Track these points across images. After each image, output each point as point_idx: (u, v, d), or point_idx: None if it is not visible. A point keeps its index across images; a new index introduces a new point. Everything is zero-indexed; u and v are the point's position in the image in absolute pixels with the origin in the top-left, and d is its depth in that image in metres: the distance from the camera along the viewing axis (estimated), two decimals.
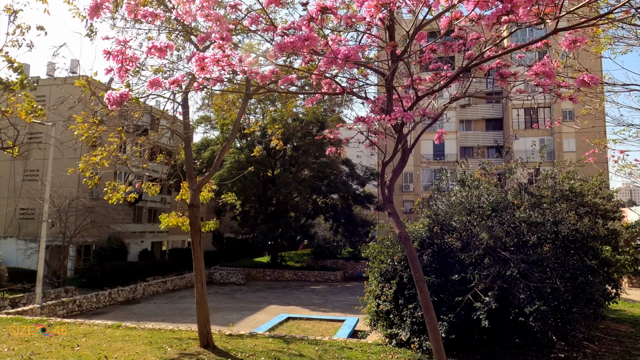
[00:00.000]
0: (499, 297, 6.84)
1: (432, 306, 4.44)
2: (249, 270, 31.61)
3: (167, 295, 23.69)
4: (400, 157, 5.04)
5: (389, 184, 5.02)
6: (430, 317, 4.36)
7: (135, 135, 9.33)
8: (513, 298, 6.92)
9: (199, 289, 7.64)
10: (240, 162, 27.56)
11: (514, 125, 41.12)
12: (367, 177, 33.89)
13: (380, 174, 5.12)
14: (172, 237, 41.55)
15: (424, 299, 4.41)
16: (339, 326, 15.09)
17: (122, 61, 3.66)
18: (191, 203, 8.04)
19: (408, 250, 4.73)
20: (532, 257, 6.91)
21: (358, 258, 32.37)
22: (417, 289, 4.48)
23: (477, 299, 7.15)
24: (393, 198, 5.10)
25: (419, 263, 4.73)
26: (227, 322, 16.70)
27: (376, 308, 8.82)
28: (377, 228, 41.63)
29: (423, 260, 8.10)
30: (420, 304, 4.76)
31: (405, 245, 4.74)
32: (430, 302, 4.47)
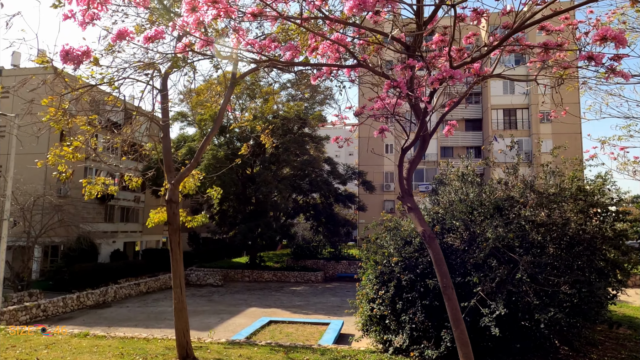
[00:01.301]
0: (508, 302, 6.34)
1: (461, 318, 3.86)
2: (227, 271, 30.61)
3: (141, 298, 22.52)
4: (419, 145, 4.43)
5: (406, 175, 4.40)
6: (461, 330, 3.77)
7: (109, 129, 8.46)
8: (522, 303, 6.42)
9: (178, 295, 6.84)
10: (219, 159, 26.56)
11: (493, 125, 41.43)
12: (349, 175, 33.37)
13: (398, 162, 4.49)
14: (146, 237, 40.01)
15: (453, 310, 3.82)
16: (324, 330, 14.43)
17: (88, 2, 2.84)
18: (169, 198, 7.23)
19: (433, 251, 4.13)
20: (543, 259, 6.43)
21: (339, 258, 31.82)
22: (445, 297, 3.89)
23: (483, 304, 6.63)
24: (412, 189, 4.49)
25: (446, 267, 4.13)
26: (205, 327, 15.80)
27: (370, 312, 8.20)
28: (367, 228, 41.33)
29: (422, 261, 7.54)
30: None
31: (430, 246, 4.13)
32: (460, 313, 3.87)
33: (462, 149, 43.83)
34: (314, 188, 31.44)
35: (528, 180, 7.57)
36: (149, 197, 37.87)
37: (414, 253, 7.65)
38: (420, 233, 4.28)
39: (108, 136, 8.47)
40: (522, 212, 7.20)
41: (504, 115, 41.72)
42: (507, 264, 6.64)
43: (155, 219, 9.09)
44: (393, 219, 9.23)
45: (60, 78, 7.03)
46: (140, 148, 10.13)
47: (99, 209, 33.83)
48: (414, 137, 4.33)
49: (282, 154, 29.53)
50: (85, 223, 29.27)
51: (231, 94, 7.48)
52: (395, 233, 8.37)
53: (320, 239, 34.60)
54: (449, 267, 7.44)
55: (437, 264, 4.07)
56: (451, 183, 9.12)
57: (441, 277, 4.00)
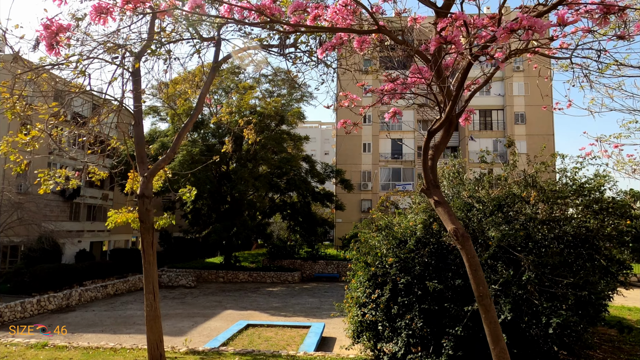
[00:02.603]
0: (514, 306, 5.89)
1: (501, 334, 3.31)
2: (200, 272, 29.52)
3: (108, 301, 21.25)
4: (444, 128, 3.86)
5: (430, 164, 3.82)
6: (501, 348, 3.21)
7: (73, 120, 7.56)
8: (527, 306, 5.99)
9: (150, 302, 6.05)
10: (194, 156, 25.48)
11: (469, 126, 41.74)
12: (327, 174, 32.81)
13: (423, 148, 3.88)
14: (114, 236, 38.29)
15: (491, 324, 3.26)
16: (304, 333, 13.77)
17: None
18: (142, 193, 6.42)
19: (468, 254, 3.56)
20: (551, 259, 6.01)
21: (316, 258, 31.23)
22: (481, 308, 3.34)
23: None
24: (437, 180, 3.90)
25: (482, 272, 3.57)
26: (178, 332, 14.88)
27: (361, 318, 7.61)
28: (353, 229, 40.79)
29: (419, 262, 7.02)
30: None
31: (463, 248, 3.57)
32: (500, 328, 3.31)
33: None
34: (291, 186, 30.72)
35: (530, 175, 7.18)
36: (117, 194, 36.22)
37: (410, 253, 7.12)
38: (450, 232, 3.71)
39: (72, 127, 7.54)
40: (524, 209, 6.80)
41: (479, 116, 42.14)
42: (510, 265, 6.20)
43: (117, 219, 8.12)
44: (384, 217, 8.69)
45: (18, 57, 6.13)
46: (108, 141, 9.19)
47: (64, 206, 32.04)
48: (443, 117, 3.74)
49: (260, 151, 28.69)
50: (48, 221, 27.58)
51: (213, 77, 6.76)
52: (388, 232, 7.83)
53: (297, 238, 33.94)
54: (447, 269, 6.95)
55: (471, 269, 3.51)
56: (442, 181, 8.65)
57: (477, 285, 3.45)
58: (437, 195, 3.76)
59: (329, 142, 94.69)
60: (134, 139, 6.77)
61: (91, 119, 7.79)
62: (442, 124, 3.77)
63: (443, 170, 10.01)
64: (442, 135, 3.99)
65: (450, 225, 3.67)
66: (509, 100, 41.29)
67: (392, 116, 4.00)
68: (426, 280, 6.83)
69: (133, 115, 6.68)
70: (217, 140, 30.66)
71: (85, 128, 8.03)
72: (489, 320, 3.31)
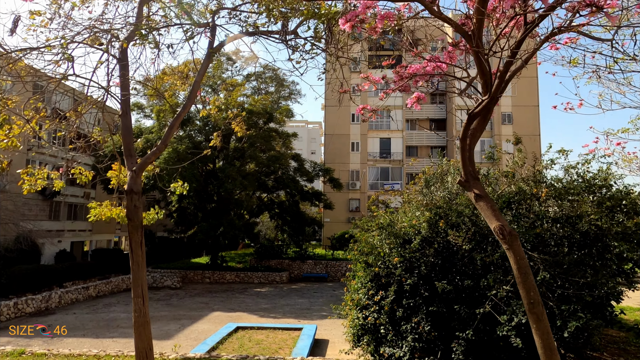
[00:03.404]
0: None
1: (555, 346, 2.95)
2: (186, 272, 28.82)
3: (90, 303, 20.47)
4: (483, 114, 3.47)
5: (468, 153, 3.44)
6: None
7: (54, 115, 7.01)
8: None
9: (139, 307, 5.56)
10: (180, 153, 24.78)
11: (457, 126, 41.85)
12: (316, 173, 32.39)
13: (462, 135, 3.48)
14: (96, 236, 37.22)
15: (544, 335, 2.90)
16: (297, 335, 13.34)
17: None
18: (130, 189, 5.92)
19: (516, 255, 3.19)
20: (566, 258, 5.73)
21: (304, 258, 30.80)
22: (531, 317, 2.98)
23: (497, 310, 5.85)
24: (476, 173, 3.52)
25: (532, 277, 3.20)
26: (164, 335, 14.30)
27: (362, 321, 7.23)
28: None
29: (425, 262, 6.68)
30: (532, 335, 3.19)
31: (510, 247, 3.20)
32: (553, 339, 2.96)
33: (426, 149, 44.11)
34: (280, 185, 30.22)
35: (539, 171, 6.91)
36: (100, 193, 35.18)
37: (415, 253, 6.78)
38: (496, 230, 3.32)
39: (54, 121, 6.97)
40: (534, 206, 6.52)
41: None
42: None
43: (101, 213, 7.46)
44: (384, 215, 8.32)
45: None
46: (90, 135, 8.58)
47: (43, 205, 30.95)
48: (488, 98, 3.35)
49: (248, 149, 28.11)
50: (26, 221, 26.58)
51: (208, 65, 6.30)
52: (390, 231, 7.47)
53: (285, 238, 33.47)
54: (453, 269, 6.62)
55: (520, 273, 3.14)
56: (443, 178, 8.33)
57: (527, 291, 3.08)
58: (478, 188, 3.38)
59: (316, 142, 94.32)
60: (121, 131, 6.26)
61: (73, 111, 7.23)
62: (486, 106, 3.38)
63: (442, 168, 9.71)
64: (479, 120, 3.61)
65: (495, 222, 3.29)
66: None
67: (415, 102, 3.62)
68: (433, 281, 6.49)
69: (120, 105, 6.18)
70: (203, 138, 29.96)
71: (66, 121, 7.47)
72: (542, 332, 2.94)
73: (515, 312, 5.59)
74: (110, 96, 6.31)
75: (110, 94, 6.21)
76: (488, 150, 8.07)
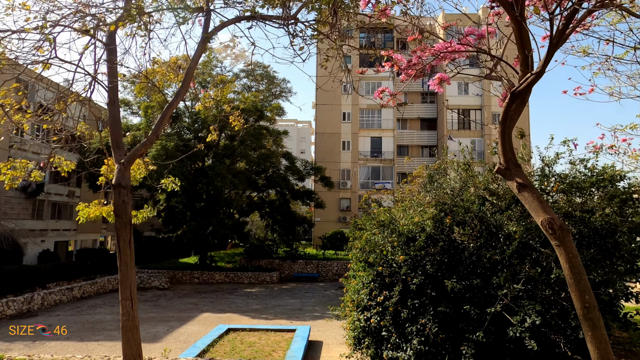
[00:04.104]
0: (543, 309, 5.31)
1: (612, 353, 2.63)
2: (174, 273, 28.20)
3: (74, 304, 19.80)
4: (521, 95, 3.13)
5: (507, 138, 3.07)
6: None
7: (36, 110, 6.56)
8: (555, 309, 5.42)
9: (127, 310, 5.14)
10: (169, 151, 24.19)
11: (448, 125, 41.88)
12: (307, 171, 32.00)
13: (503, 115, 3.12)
14: (81, 235, 36.31)
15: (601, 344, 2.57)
16: (290, 337, 12.96)
17: None
18: (118, 182, 5.49)
19: (569, 252, 2.85)
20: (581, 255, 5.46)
21: (295, 257, 30.41)
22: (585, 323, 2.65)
23: (509, 310, 5.56)
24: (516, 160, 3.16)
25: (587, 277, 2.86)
26: (152, 338, 13.80)
27: (364, 323, 6.89)
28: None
29: (430, 261, 6.37)
30: None
31: (562, 244, 2.87)
32: (610, 347, 2.63)
33: (417, 148, 44.06)
34: (270, 184, 29.75)
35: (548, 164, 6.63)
36: (85, 191, 34.32)
37: (420, 251, 6.47)
38: (544, 224, 2.95)
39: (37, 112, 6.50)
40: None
41: (458, 116, 42.30)
42: (534, 262, 5.63)
43: (89, 212, 7.02)
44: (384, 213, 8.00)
45: None
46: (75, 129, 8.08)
47: (26, 204, 30.02)
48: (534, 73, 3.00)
49: (238, 146, 27.61)
50: (8, 220, 25.70)
51: (203, 50, 5.88)
52: (393, 229, 7.15)
53: (275, 237, 33.03)
54: (461, 266, 6.32)
55: (573, 272, 2.80)
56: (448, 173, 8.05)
57: (581, 293, 2.74)
58: (521, 176, 3.04)
59: (306, 141, 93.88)
60: (109, 121, 5.83)
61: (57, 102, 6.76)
62: (532, 81, 3.03)
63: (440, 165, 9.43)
64: (517, 102, 3.26)
65: (543, 215, 2.94)
66: (487, 100, 41.63)
67: (437, 83, 3.29)
68: (440, 280, 6.19)
69: (107, 93, 5.73)
70: (192, 135, 29.39)
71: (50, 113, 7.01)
72: (598, 340, 2.58)
73: (528, 312, 5.31)
74: (98, 84, 5.86)
75: (98, 82, 5.77)
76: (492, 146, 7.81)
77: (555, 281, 5.36)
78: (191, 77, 5.89)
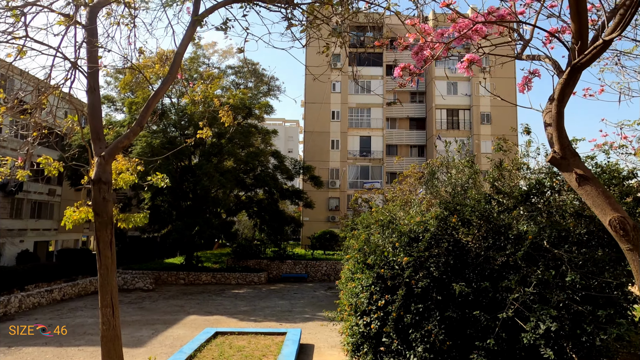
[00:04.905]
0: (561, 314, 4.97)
1: None
2: (159, 274, 27.47)
3: (54, 307, 19.01)
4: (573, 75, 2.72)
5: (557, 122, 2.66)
6: None
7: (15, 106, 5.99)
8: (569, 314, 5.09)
9: (108, 318, 4.62)
10: (154, 148, 23.49)
11: (437, 125, 41.83)
12: (296, 170, 31.51)
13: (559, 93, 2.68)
14: (62, 235, 35.21)
15: None
16: (280, 341, 12.50)
17: None
18: (97, 177, 4.97)
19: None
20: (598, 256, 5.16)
21: (283, 258, 29.92)
22: None
23: (520, 316, 5.22)
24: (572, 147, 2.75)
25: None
26: (136, 343, 13.20)
27: (363, 328, 6.49)
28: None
29: (435, 262, 6.00)
30: None
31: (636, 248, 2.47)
32: None
33: (406, 148, 43.92)
34: (259, 183, 29.19)
35: None
36: (66, 190, 33.28)
37: (424, 252, 6.09)
38: (613, 223, 2.54)
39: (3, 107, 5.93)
40: (554, 199, 5.94)
41: (447, 115, 42.28)
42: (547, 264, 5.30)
43: (74, 216, 6.51)
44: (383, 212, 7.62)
45: None
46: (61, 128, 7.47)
47: (3, 202, 28.91)
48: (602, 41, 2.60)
49: (226, 144, 27.00)
50: None
51: (192, 34, 5.40)
52: (393, 228, 6.76)
53: (263, 237, 32.48)
54: (467, 269, 5.95)
55: None
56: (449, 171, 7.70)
57: None
58: (581, 167, 2.62)
59: (293, 140, 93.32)
60: (87, 110, 5.30)
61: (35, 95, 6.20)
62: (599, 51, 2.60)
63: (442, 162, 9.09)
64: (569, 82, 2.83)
65: (612, 213, 2.53)
66: (476, 100, 41.70)
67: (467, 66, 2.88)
68: (445, 283, 5.82)
69: (87, 79, 5.22)
70: (178, 133, 28.66)
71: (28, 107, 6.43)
72: None
73: (542, 318, 4.98)
74: (78, 71, 5.33)
75: (78, 68, 5.24)
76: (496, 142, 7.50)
77: (570, 284, 5.04)
78: (179, 64, 5.40)
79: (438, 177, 7.65)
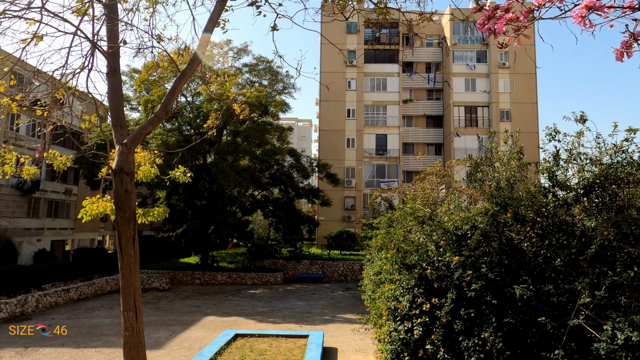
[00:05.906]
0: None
1: None
2: (175, 273, 27.20)
3: (71, 307, 18.78)
4: None
5: None
6: None
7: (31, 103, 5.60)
8: None
9: (131, 323, 4.14)
10: (170, 146, 23.20)
11: (455, 123, 40.92)
12: (312, 169, 30.99)
13: None
14: (79, 235, 35.25)
15: None
16: (303, 344, 11.96)
17: None
18: (119, 167, 4.50)
19: None
20: None
21: (300, 258, 29.43)
22: None
23: (591, 323, 4.60)
24: None
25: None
26: (154, 344, 12.79)
27: (404, 335, 5.91)
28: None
29: (487, 262, 5.40)
30: None
31: None
32: None
33: (423, 146, 43.08)
34: (275, 182, 28.75)
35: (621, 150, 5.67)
36: (82, 189, 33.27)
37: (474, 251, 5.51)
38: None
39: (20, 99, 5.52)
40: (621, 192, 5.31)
41: (465, 113, 41.34)
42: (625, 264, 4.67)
43: (94, 209, 6.05)
44: (421, 207, 7.03)
45: None
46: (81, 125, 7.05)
47: (21, 202, 28.96)
48: None
49: (242, 142, 26.61)
50: (3, 218, 24.70)
51: (220, 11, 4.89)
52: (436, 225, 6.18)
53: (278, 236, 32.04)
54: (522, 269, 5.35)
55: None
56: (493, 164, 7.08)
57: None
58: None
59: (306, 140, 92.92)
60: (108, 94, 4.84)
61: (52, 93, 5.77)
62: None
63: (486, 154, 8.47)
64: None
65: None
66: (495, 97, 40.69)
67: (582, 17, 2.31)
68: (500, 285, 5.23)
69: (107, 60, 4.76)
70: (193, 131, 28.40)
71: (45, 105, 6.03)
72: None
73: (618, 325, 4.37)
74: (98, 51, 4.87)
75: (98, 48, 4.78)
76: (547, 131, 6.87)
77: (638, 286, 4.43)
78: (207, 42, 4.90)
79: (482, 170, 7.04)
